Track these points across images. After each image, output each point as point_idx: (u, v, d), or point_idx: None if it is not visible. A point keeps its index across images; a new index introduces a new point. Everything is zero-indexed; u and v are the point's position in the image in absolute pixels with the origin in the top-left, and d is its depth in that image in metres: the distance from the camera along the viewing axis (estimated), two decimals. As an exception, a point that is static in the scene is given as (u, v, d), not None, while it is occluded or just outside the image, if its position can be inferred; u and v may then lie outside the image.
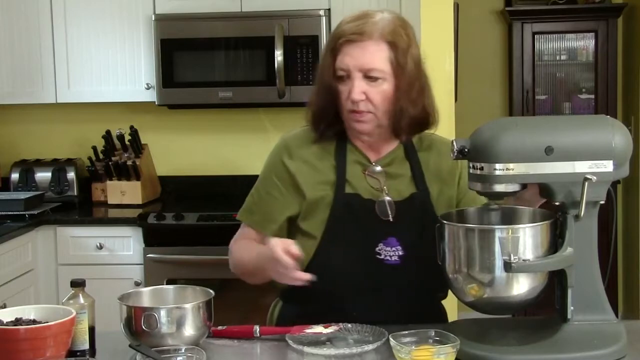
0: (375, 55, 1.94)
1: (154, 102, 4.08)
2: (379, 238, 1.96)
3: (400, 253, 1.96)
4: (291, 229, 2.06)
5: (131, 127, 4.17)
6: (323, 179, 2.01)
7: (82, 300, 1.77)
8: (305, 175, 2.02)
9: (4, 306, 2.84)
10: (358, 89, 1.93)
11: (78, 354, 1.74)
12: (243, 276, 2.08)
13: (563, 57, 5.08)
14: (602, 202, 1.73)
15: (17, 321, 1.65)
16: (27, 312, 1.68)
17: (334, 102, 1.99)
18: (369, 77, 1.94)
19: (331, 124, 2.03)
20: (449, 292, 1.86)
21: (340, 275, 1.94)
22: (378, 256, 1.96)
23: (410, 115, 1.97)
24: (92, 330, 1.78)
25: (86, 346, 1.76)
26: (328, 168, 2.02)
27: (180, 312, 1.76)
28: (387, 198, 1.98)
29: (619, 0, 5.01)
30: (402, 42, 1.95)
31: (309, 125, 2.07)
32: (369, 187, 2.00)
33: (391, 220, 1.97)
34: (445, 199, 2.04)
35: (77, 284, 1.78)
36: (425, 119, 2.01)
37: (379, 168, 2.02)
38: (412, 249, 1.96)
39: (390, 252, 1.96)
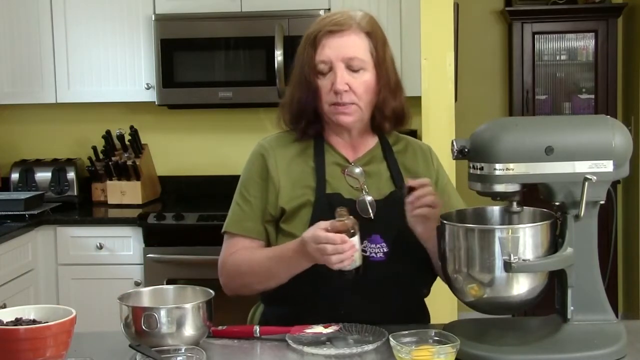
0: (356, 45, 1.98)
1: (154, 102, 4.08)
2: (363, 236, 1.95)
3: (385, 250, 1.97)
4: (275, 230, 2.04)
5: (131, 127, 4.17)
6: (303, 183, 2.01)
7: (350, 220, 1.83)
8: (285, 184, 2.01)
9: (4, 306, 2.84)
10: (341, 80, 1.95)
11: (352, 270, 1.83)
12: (253, 284, 2.00)
13: (563, 57, 5.08)
14: (602, 202, 1.73)
15: (17, 321, 1.65)
16: (27, 312, 1.68)
17: (314, 98, 1.99)
18: (350, 67, 1.97)
19: (311, 122, 2.04)
20: (449, 292, 1.85)
21: (326, 275, 1.93)
22: (363, 253, 1.94)
23: (392, 107, 2.03)
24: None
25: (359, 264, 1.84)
26: (307, 171, 2.03)
27: (180, 312, 1.76)
28: (368, 197, 1.98)
29: (619, 0, 5.01)
30: (379, 35, 2.02)
31: (287, 126, 2.10)
32: (348, 186, 2.01)
33: (372, 218, 1.98)
34: None
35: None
36: (403, 113, 2.07)
37: (358, 169, 2.03)
38: (396, 246, 1.97)
39: (375, 249, 1.97)
